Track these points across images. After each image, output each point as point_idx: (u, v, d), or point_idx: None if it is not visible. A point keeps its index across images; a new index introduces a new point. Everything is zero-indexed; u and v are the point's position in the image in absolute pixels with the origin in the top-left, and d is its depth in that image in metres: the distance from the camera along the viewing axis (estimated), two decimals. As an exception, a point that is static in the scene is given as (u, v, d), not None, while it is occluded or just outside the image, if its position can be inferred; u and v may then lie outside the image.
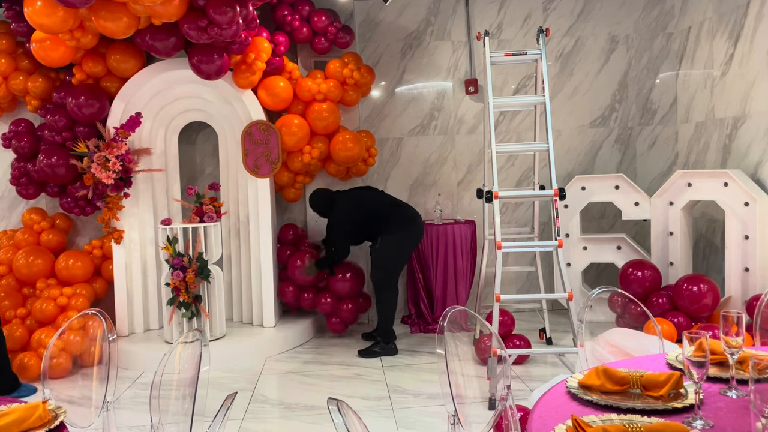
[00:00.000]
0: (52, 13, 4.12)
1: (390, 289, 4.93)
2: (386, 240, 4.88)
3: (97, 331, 2.49)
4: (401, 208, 5.01)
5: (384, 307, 4.92)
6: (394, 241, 4.88)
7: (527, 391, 3.93)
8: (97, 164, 4.85)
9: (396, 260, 4.95)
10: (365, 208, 4.98)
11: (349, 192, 5.16)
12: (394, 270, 4.96)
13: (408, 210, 5.00)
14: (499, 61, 4.49)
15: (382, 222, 4.89)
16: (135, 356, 4.84)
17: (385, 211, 4.94)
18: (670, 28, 5.97)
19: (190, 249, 4.83)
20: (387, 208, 4.98)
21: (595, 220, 5.95)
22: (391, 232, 4.87)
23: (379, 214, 4.93)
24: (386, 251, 4.90)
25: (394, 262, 4.95)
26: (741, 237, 4.58)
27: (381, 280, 4.91)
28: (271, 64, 5.20)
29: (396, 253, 4.93)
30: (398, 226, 4.88)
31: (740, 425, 1.53)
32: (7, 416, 1.74)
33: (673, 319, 4.54)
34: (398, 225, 4.88)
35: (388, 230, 4.87)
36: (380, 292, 4.93)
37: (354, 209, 4.99)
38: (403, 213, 4.96)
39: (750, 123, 4.91)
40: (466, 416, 2.09)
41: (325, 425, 3.62)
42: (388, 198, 5.14)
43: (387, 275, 4.91)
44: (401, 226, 4.89)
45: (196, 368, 1.98)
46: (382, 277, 4.91)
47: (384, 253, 4.90)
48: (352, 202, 5.02)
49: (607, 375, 1.77)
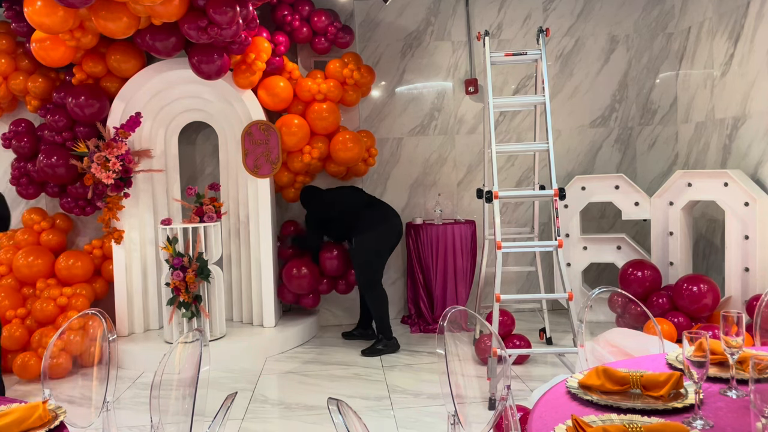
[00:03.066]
0: (52, 13, 4.12)
1: (376, 289, 5.01)
2: (360, 240, 5.02)
3: (97, 331, 2.49)
4: (373, 208, 5.11)
5: (376, 306, 4.98)
6: (366, 241, 5.00)
7: (527, 391, 3.93)
8: (97, 164, 4.85)
9: (374, 259, 5.02)
10: (336, 207, 5.14)
11: (330, 191, 5.29)
12: (372, 269, 5.02)
13: (381, 209, 5.10)
14: (499, 61, 4.49)
15: (353, 222, 5.05)
16: (135, 356, 4.84)
17: (357, 212, 5.07)
18: (670, 28, 5.97)
19: (190, 249, 4.83)
20: (359, 208, 5.10)
21: (595, 220, 5.95)
22: (363, 232, 5.00)
23: (351, 215, 5.07)
24: (361, 251, 5.01)
25: (371, 261, 5.01)
26: (741, 237, 4.58)
27: (363, 280, 5.01)
28: (271, 64, 5.20)
29: (370, 252, 5.01)
30: (369, 226, 4.99)
31: (740, 425, 1.53)
32: (7, 416, 1.74)
33: (673, 319, 4.54)
34: (369, 225, 5.00)
35: (360, 230, 5.01)
36: (367, 292, 5.01)
37: (327, 206, 5.18)
38: (375, 213, 5.06)
39: (750, 123, 4.91)
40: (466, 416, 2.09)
41: (325, 425, 3.62)
42: (363, 198, 5.23)
43: (368, 275, 4.99)
44: (372, 226, 5.00)
45: (196, 368, 1.98)
46: (365, 276, 5.00)
47: (360, 253, 5.01)
48: (327, 200, 5.21)
49: (607, 375, 1.77)
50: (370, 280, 4.98)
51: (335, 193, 5.24)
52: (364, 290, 5.02)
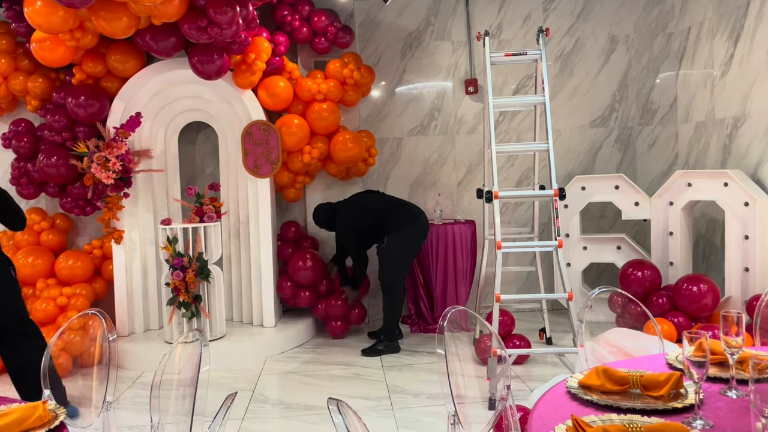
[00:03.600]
0: (52, 13, 4.12)
1: (399, 291, 5.01)
2: (393, 239, 4.95)
3: (97, 331, 2.49)
4: (403, 206, 5.07)
5: (392, 308, 4.98)
6: (400, 240, 4.95)
7: (527, 391, 3.93)
8: (97, 164, 4.85)
9: (404, 259, 5.02)
10: (368, 213, 5.07)
11: (349, 200, 5.22)
12: (402, 269, 5.02)
13: (410, 208, 5.06)
14: (499, 61, 4.49)
15: (386, 223, 4.97)
16: (135, 356, 4.84)
17: (389, 212, 5.01)
18: (670, 28, 5.97)
19: (190, 249, 4.83)
20: (390, 207, 5.05)
21: (595, 220, 5.95)
22: (397, 231, 4.93)
23: (383, 216, 5.00)
24: (394, 250, 4.96)
25: (402, 261, 5.01)
26: (741, 237, 4.58)
27: (390, 279, 4.97)
28: (271, 64, 5.19)
29: (403, 251, 4.99)
30: (403, 225, 4.94)
31: (740, 425, 1.53)
32: (7, 416, 1.74)
33: (673, 319, 4.54)
34: (403, 224, 4.95)
35: (394, 230, 4.94)
36: (390, 293, 4.98)
37: (357, 216, 5.08)
38: (406, 211, 5.02)
39: (750, 123, 4.91)
40: (466, 416, 2.09)
41: (325, 425, 3.62)
42: (389, 198, 5.21)
43: (396, 275, 4.98)
44: (406, 225, 4.95)
45: (196, 368, 1.98)
46: (391, 276, 4.97)
47: (392, 253, 4.97)
48: (355, 211, 5.11)
49: (607, 375, 1.77)
50: (395, 280, 4.97)
51: (356, 199, 5.21)
52: (387, 289, 4.99)
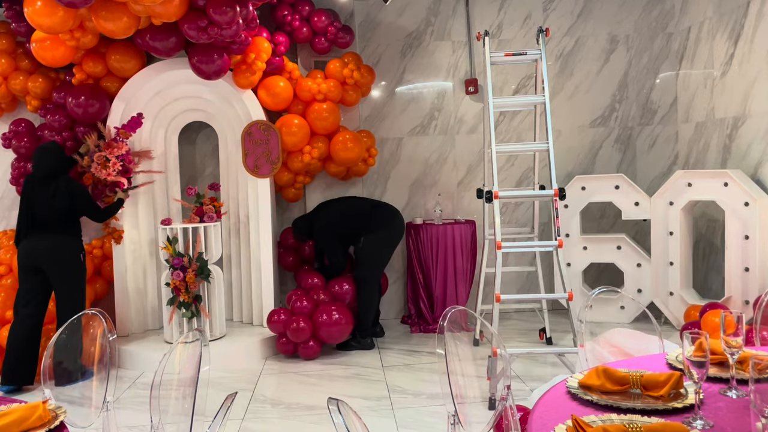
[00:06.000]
0: (52, 13, 4.12)
1: (375, 288, 5.14)
2: (369, 239, 5.08)
3: (97, 331, 2.49)
4: (380, 207, 5.23)
5: (367, 304, 5.06)
6: (377, 240, 5.09)
7: (527, 391, 3.93)
8: (97, 164, 4.85)
9: (381, 258, 5.15)
10: (346, 217, 5.19)
11: (325, 206, 5.31)
12: (378, 267, 5.16)
13: (387, 208, 5.22)
14: (499, 61, 4.49)
15: (363, 223, 5.11)
16: (135, 356, 4.84)
17: (366, 213, 5.15)
18: (670, 28, 5.97)
19: (190, 249, 4.83)
20: (367, 209, 5.19)
21: (595, 220, 5.95)
22: (374, 231, 5.09)
23: (360, 217, 5.13)
24: (370, 248, 5.10)
25: (379, 260, 5.14)
26: (741, 237, 4.58)
27: (367, 277, 5.06)
28: (271, 64, 5.19)
29: (380, 250, 5.13)
30: (379, 225, 5.10)
31: (740, 425, 1.53)
32: (7, 416, 1.74)
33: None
34: (379, 224, 5.10)
35: (371, 229, 5.09)
36: (366, 290, 5.06)
37: (335, 220, 5.18)
38: (383, 212, 5.17)
39: (750, 123, 4.91)
40: (466, 416, 2.09)
41: (325, 425, 3.62)
42: (365, 201, 5.37)
43: (373, 273, 5.10)
44: (382, 225, 5.11)
45: (196, 368, 1.98)
46: (368, 275, 5.07)
47: (368, 251, 5.09)
48: (331, 215, 5.20)
49: (607, 375, 1.77)
50: (373, 278, 5.09)
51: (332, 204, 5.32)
52: (363, 286, 5.06)
